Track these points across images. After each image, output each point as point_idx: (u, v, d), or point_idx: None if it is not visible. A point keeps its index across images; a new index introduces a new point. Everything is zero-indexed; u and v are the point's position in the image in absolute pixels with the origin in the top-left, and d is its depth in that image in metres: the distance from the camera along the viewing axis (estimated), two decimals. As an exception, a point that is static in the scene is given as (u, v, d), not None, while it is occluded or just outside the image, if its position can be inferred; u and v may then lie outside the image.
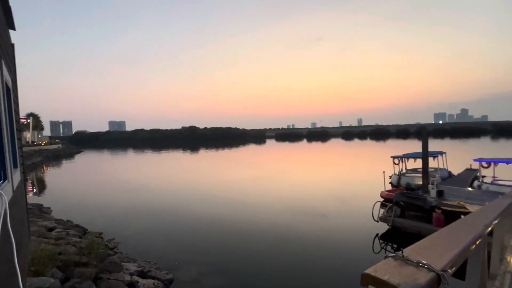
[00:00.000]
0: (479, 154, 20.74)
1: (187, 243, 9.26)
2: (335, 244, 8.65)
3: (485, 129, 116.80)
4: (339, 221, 11.00)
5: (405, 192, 9.80)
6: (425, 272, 0.72)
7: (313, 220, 11.15)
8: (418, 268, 0.75)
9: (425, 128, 13.72)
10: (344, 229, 9.98)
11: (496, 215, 2.09)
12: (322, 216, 11.69)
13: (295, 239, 9.17)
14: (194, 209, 13.33)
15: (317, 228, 10.18)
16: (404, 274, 0.68)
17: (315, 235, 9.38)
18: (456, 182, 15.03)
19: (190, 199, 15.60)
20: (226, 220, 11.44)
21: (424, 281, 0.66)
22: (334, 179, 21.43)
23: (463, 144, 56.94)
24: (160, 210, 13.38)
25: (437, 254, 0.87)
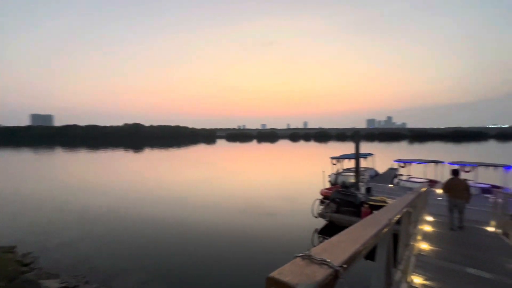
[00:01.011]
0: (399, 155, 24.38)
1: (124, 250, 8.46)
2: (280, 241, 9.03)
3: (404, 134, 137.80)
4: (284, 219, 11.53)
5: (340, 190, 10.84)
6: (325, 269, 0.79)
7: (260, 219, 11.44)
8: (321, 266, 0.81)
9: (358, 133, 15.46)
10: (288, 226, 10.50)
11: (401, 208, 2.47)
12: (269, 215, 12.08)
13: (242, 238, 9.26)
14: (133, 213, 12.29)
15: (264, 226, 10.48)
16: (306, 274, 0.73)
17: (261, 233, 9.64)
18: (381, 180, 17.31)
19: (127, 202, 14.32)
20: (168, 223, 10.86)
21: (321, 278, 0.72)
22: (281, 179, 22.39)
23: (387, 147, 66.04)
24: (91, 216, 11.92)
25: (341, 250, 0.97)
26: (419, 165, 16.30)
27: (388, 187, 14.75)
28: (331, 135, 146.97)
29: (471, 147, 61.55)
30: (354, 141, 14.21)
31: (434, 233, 6.25)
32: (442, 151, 51.18)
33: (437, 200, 11.30)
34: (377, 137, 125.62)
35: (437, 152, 47.86)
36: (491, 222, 7.39)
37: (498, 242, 5.84)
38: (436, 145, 72.43)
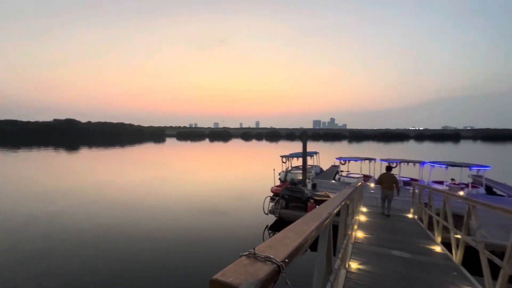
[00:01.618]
0: (340, 154, 26.83)
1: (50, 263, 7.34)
2: (231, 240, 9.02)
3: (345, 135, 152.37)
4: (236, 218, 11.56)
5: (289, 187, 11.40)
6: (269, 265, 0.81)
7: (212, 219, 11.25)
8: (265, 262, 0.83)
9: (305, 133, 16.47)
10: (240, 225, 10.57)
11: (340, 201, 2.71)
12: (221, 214, 11.96)
13: (192, 240, 8.95)
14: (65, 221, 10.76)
15: (216, 226, 10.33)
16: (250, 272, 0.74)
17: (213, 234, 9.47)
18: (325, 176, 18.81)
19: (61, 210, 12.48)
20: (109, 229, 9.84)
21: (264, 275, 0.74)
22: (233, 178, 22.41)
23: (331, 146, 72.08)
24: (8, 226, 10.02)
25: (284, 246, 1.01)
26: (356, 162, 18.24)
27: (331, 182, 16.12)
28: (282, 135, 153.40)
29: (396, 146, 71.54)
30: (302, 140, 15.08)
31: (368, 222, 7.06)
32: (374, 150, 58.20)
33: (370, 193, 12.83)
34: (322, 137, 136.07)
35: (371, 150, 54.23)
36: (410, 210, 8.72)
37: (415, 226, 6.91)
38: (370, 144, 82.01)
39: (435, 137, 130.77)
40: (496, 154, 50.86)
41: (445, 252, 4.90)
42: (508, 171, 24.36)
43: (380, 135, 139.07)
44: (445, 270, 4.08)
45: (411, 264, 4.26)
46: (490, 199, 12.21)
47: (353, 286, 3.37)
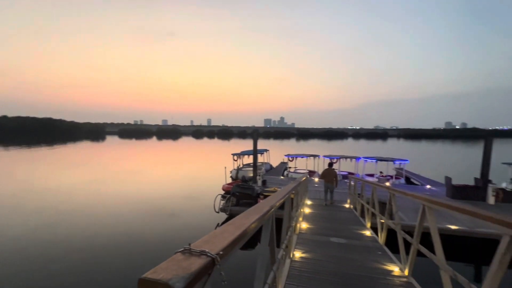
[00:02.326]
0: (289, 151, 28.27)
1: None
2: (181, 241, 8.71)
3: (293, 133, 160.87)
4: (186, 218, 11.18)
5: (240, 184, 11.53)
6: (203, 259, 0.83)
7: (161, 222, 10.64)
8: (200, 256, 0.84)
9: (256, 131, 16.85)
10: (191, 225, 10.26)
11: (283, 195, 2.88)
12: (170, 216, 11.41)
13: (139, 245, 8.33)
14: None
15: (165, 229, 9.81)
16: (183, 267, 0.75)
17: (162, 237, 8.98)
18: (274, 173, 19.58)
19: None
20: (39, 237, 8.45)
21: (196, 268, 0.75)
22: (184, 177, 21.57)
23: (280, 144, 75.30)
24: None
25: (222, 239, 1.04)
26: (302, 159, 19.46)
27: (280, 178, 16.86)
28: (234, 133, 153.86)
29: (337, 144, 78.76)
30: (253, 138, 15.38)
31: (312, 214, 7.63)
32: (319, 147, 62.98)
33: (315, 187, 13.87)
34: (273, 135, 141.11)
35: (316, 148, 58.52)
36: (347, 200, 9.74)
37: (351, 215, 7.75)
38: (315, 142, 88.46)
39: (368, 136, 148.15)
40: (414, 149, 60.39)
41: (373, 235, 5.64)
42: (422, 164, 29.18)
43: (324, 133, 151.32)
44: (373, 250, 4.70)
45: (346, 248, 4.78)
46: (407, 187, 14.46)
47: (296, 273, 3.62)
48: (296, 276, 3.53)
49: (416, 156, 42.32)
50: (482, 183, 11.02)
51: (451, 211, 2.54)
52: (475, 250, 7.59)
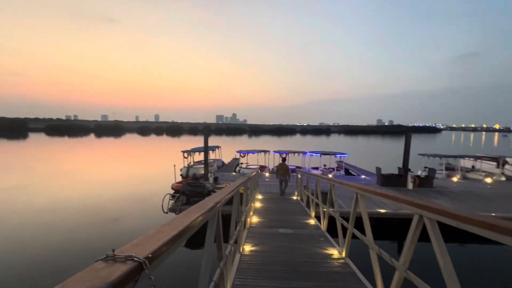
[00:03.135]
0: (241, 147, 28.48)
1: None
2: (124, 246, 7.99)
3: (245, 129, 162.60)
4: (131, 222, 10.32)
5: (190, 182, 11.15)
6: (128, 264, 0.76)
7: (102, 228, 9.58)
8: (125, 262, 0.77)
9: (207, 127, 16.49)
10: (135, 228, 9.50)
11: (230, 191, 2.87)
12: (112, 221, 10.37)
13: (73, 257, 7.34)
14: None
15: (106, 235, 8.87)
16: (100, 277, 0.67)
17: (101, 244, 8.09)
18: (226, 169, 19.52)
19: None
20: None
21: (118, 276, 0.68)
22: (129, 178, 19.82)
23: (233, 140, 75.32)
24: None
25: (155, 241, 0.97)
26: (254, 154, 19.84)
27: (232, 174, 16.89)
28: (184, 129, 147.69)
29: (287, 140, 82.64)
30: (204, 135, 15.01)
31: (262, 208, 7.85)
32: (270, 143, 65.07)
33: (265, 181, 14.30)
34: (225, 131, 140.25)
35: (267, 143, 60.32)
36: (295, 193, 10.32)
37: (298, 206, 8.24)
38: (266, 138, 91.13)
39: (314, 132, 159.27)
40: (352, 144, 67.29)
41: (317, 223, 6.10)
42: (359, 157, 32.73)
43: (275, 129, 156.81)
44: (316, 237, 5.08)
45: (293, 238, 5.06)
46: (346, 178, 16.08)
47: (245, 267, 3.68)
48: (246, 269, 3.59)
49: (354, 149, 47.19)
50: (404, 171, 12.93)
51: (378, 197, 2.90)
52: (398, 229, 8.87)
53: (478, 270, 6.69)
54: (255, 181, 8.74)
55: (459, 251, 7.65)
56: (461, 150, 47.44)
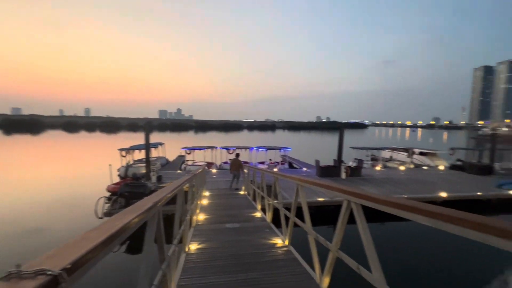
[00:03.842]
0: (187, 144, 27.41)
1: None
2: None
3: (191, 125, 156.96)
4: (58, 232, 8.91)
5: (129, 183, 10.23)
6: (39, 280, 0.65)
7: (23, 240, 7.99)
8: (35, 278, 0.66)
9: (149, 123, 15.30)
10: (63, 240, 8.26)
11: (172, 189, 2.75)
12: (33, 231, 8.76)
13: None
14: None
15: (28, 249, 7.44)
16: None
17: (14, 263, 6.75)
18: (171, 167, 18.56)
19: None
20: None
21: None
22: (55, 182, 17.00)
23: (178, 136, 71.94)
24: None
25: (78, 249, 0.86)
26: (200, 151, 19.36)
27: (177, 172, 16.14)
28: (122, 125, 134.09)
29: (234, 135, 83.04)
30: (145, 131, 13.91)
31: (210, 205, 7.74)
32: (217, 139, 64.41)
33: (213, 178, 14.13)
34: (169, 127, 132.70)
35: (215, 139, 59.55)
36: (243, 188, 10.49)
37: (245, 200, 8.40)
38: (214, 134, 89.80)
39: (260, 128, 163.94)
40: (296, 139, 71.75)
41: (263, 216, 6.34)
42: (300, 151, 35.12)
43: (222, 125, 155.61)
44: (262, 229, 5.28)
45: (240, 231, 5.15)
46: (289, 171, 17.11)
47: (191, 266, 3.59)
48: (191, 268, 3.51)
49: (296, 144, 50.39)
50: (338, 163, 14.43)
51: (315, 187, 3.17)
52: (335, 215, 9.87)
53: (393, 243, 7.97)
54: (202, 178, 8.55)
55: (379, 229, 8.96)
56: (383, 143, 55.39)
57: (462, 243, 7.00)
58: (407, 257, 7.08)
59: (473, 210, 7.24)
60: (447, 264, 6.68)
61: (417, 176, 14.88)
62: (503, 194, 11.00)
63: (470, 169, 15.87)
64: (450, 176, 14.76)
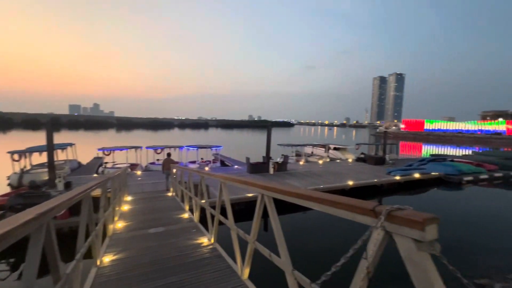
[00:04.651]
0: (106, 144, 24.14)
1: None
2: None
3: (112, 122, 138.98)
4: None
5: (23, 193, 8.36)
6: None
7: None
8: None
9: (54, 120, 12.81)
10: None
11: (73, 196, 2.39)
12: None
13: None
14: None
15: None
16: None
17: None
18: (85, 171, 16.07)
19: None
20: None
21: None
22: None
23: (95, 136, 62.64)
24: None
25: None
26: (122, 152, 17.39)
27: (93, 177, 14.07)
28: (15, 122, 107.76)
29: (164, 134, 77.79)
30: (46, 129, 11.59)
31: (132, 210, 7.06)
32: (144, 137, 59.05)
33: (137, 181, 12.91)
34: (83, 125, 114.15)
35: (141, 138, 54.39)
36: (171, 189, 9.96)
37: (173, 202, 8.00)
38: (140, 133, 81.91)
39: (193, 126, 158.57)
40: (229, 137, 72.37)
41: (190, 216, 6.18)
42: (233, 149, 35.66)
43: (150, 123, 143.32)
44: (189, 230, 5.15)
45: (164, 235, 4.89)
46: (220, 169, 17.19)
47: (104, 280, 3.22)
48: (103, 283, 3.14)
49: (229, 142, 50.92)
50: (266, 159, 15.30)
51: (239, 183, 3.28)
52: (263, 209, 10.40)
53: (300, 231, 8.67)
54: (121, 181, 7.69)
55: (289, 219, 9.50)
56: (306, 140, 61.57)
57: (353, 226, 8.38)
58: (311, 242, 7.72)
59: (371, 194, 9.07)
60: (342, 245, 7.90)
61: (332, 168, 17.14)
62: (390, 179, 13.80)
63: (370, 161, 19.28)
64: (356, 167, 17.57)
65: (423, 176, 14.90)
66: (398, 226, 1.20)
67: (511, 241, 8.15)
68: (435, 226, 1.12)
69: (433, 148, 45.75)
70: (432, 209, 11.17)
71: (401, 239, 1.19)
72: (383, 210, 1.25)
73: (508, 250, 7.49)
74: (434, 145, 53.10)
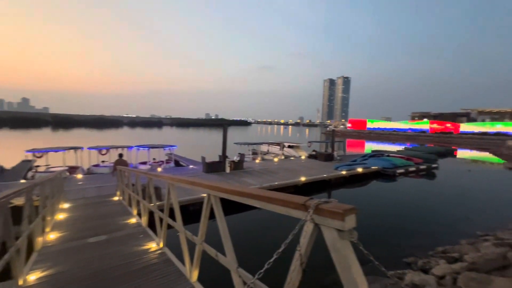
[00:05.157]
0: (38, 144, 21.00)
1: None
2: None
3: (46, 120, 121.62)
4: None
5: None
6: None
7: None
8: None
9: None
10: None
11: None
12: None
13: None
14: None
15: None
16: None
17: None
18: (10, 176, 13.78)
19: None
20: None
21: None
22: None
23: (23, 135, 54.09)
24: None
25: None
26: (58, 153, 15.36)
27: (20, 183, 12.12)
28: None
29: (111, 133, 71.14)
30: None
31: (69, 218, 6.29)
32: (87, 137, 53.15)
33: (78, 185, 11.57)
34: (8, 123, 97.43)
35: (83, 138, 48.82)
36: (117, 193, 9.17)
37: (119, 207, 7.38)
38: (81, 131, 73.44)
39: (144, 124, 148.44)
40: (185, 136, 69.76)
41: (138, 221, 5.79)
42: (189, 148, 34.52)
43: (94, 121, 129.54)
44: (136, 235, 4.83)
45: (106, 244, 4.49)
46: (174, 170, 16.50)
47: (28, 302, 2.82)
48: (27, 305, 2.75)
49: (185, 141, 49.13)
50: (222, 158, 15.19)
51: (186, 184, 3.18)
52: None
53: (250, 229, 8.49)
54: (56, 187, 6.79)
55: (242, 218, 9.15)
56: (263, 138, 62.89)
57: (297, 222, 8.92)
58: (260, 239, 7.62)
59: (321, 188, 9.67)
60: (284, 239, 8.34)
61: (286, 165, 17.86)
62: (337, 174, 15.01)
63: (320, 157, 20.65)
64: (308, 164, 18.63)
65: (365, 170, 16.58)
66: (324, 218, 1.31)
67: (432, 224, 9.62)
68: (353, 216, 1.26)
69: (374, 144, 51.12)
70: (371, 199, 12.53)
71: (327, 230, 1.31)
72: (311, 204, 1.36)
73: (429, 231, 8.82)
74: (375, 142, 59.37)
